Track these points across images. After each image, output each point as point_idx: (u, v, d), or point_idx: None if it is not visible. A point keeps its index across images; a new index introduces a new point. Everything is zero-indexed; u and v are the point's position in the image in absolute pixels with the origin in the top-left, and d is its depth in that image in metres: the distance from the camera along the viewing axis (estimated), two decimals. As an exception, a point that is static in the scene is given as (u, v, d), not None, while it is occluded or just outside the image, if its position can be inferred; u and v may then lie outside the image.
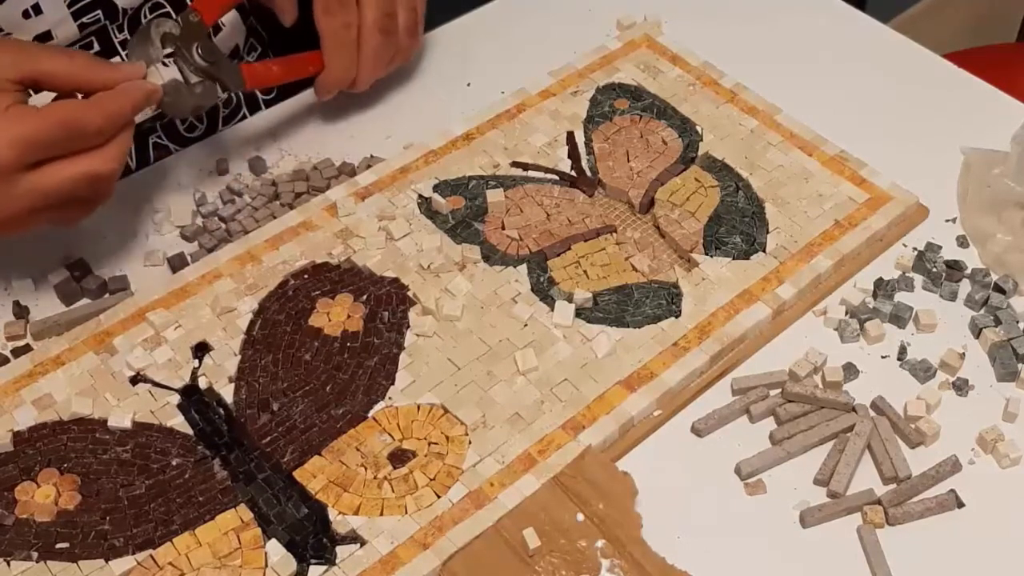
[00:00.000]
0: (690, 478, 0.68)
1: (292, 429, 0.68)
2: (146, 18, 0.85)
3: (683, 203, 0.81)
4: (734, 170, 0.83)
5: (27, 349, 0.74)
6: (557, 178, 0.83)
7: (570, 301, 0.75)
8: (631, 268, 0.77)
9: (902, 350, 0.74)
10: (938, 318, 0.75)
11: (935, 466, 0.68)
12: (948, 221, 0.82)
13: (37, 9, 0.78)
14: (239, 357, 0.72)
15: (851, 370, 0.73)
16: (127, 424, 0.68)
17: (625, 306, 0.75)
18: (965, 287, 0.78)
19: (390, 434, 0.68)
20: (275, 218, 0.80)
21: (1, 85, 0.66)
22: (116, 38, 0.84)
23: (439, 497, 0.65)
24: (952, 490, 0.67)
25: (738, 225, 0.80)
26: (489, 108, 0.88)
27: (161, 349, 0.72)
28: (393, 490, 0.66)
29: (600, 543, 0.64)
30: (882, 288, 0.77)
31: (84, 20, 0.81)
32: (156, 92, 0.73)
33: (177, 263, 0.79)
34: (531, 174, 0.83)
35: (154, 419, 0.69)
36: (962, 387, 0.72)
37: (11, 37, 0.78)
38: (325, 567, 0.63)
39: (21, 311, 0.76)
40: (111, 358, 0.72)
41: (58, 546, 0.63)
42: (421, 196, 0.81)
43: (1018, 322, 0.75)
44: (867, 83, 0.92)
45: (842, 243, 0.78)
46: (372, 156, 0.87)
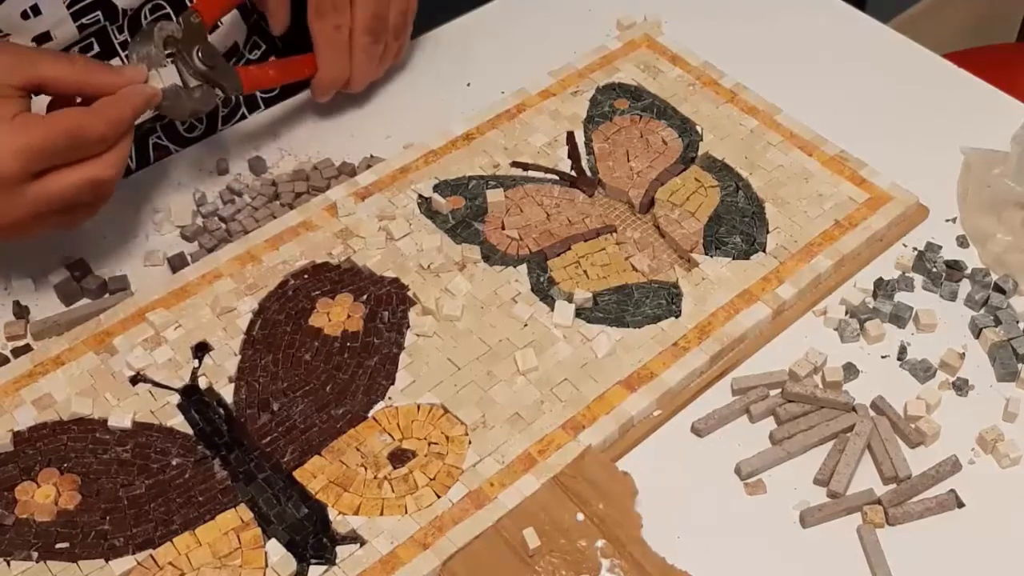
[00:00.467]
0: (690, 478, 0.68)
1: (292, 429, 0.68)
2: (146, 19, 0.85)
3: (683, 203, 0.81)
4: (734, 170, 0.83)
5: (27, 349, 0.74)
6: (557, 178, 0.83)
7: (570, 301, 0.75)
8: (631, 268, 0.77)
9: (902, 350, 0.74)
10: (938, 318, 0.75)
11: (935, 466, 0.68)
12: (948, 221, 0.82)
13: (36, 10, 0.78)
14: (239, 357, 0.72)
15: (851, 370, 0.73)
16: (127, 424, 0.68)
17: (625, 306, 0.75)
18: (965, 287, 0.78)
19: (390, 434, 0.68)
20: (275, 218, 0.80)
21: (4, 92, 0.67)
22: (116, 39, 0.84)
23: (439, 497, 0.65)
24: (952, 490, 0.67)
25: (738, 225, 0.80)
26: (489, 108, 0.88)
27: (161, 349, 0.72)
28: (393, 490, 0.66)
29: (600, 543, 0.64)
30: (882, 288, 0.77)
31: (84, 21, 0.80)
32: (156, 96, 0.73)
33: (177, 263, 0.79)
34: (531, 174, 0.83)
35: (154, 419, 0.69)
36: (962, 387, 0.72)
37: (11, 41, 0.78)
38: (325, 567, 0.63)
39: (21, 311, 0.76)
40: (111, 358, 0.72)
41: (58, 546, 0.63)
42: (421, 196, 0.81)
43: (1018, 322, 0.75)
44: (867, 83, 0.92)
45: (842, 243, 0.78)
46: (372, 156, 0.87)
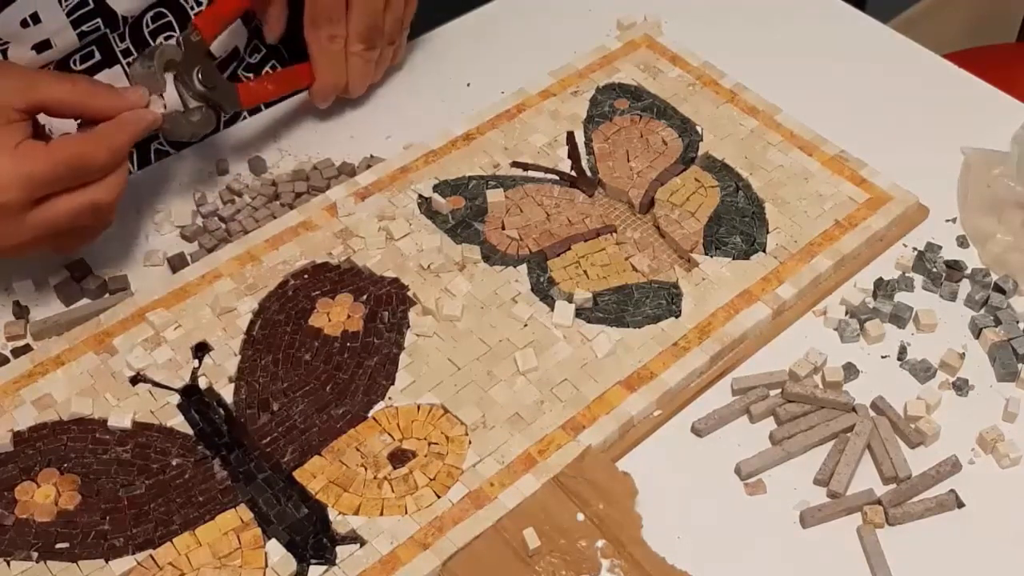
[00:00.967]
0: (690, 478, 0.68)
1: (292, 429, 0.68)
2: (148, 27, 0.85)
3: (683, 203, 0.81)
4: (734, 170, 0.83)
5: (27, 349, 0.74)
6: (557, 178, 0.83)
7: (570, 301, 0.75)
8: (631, 268, 0.77)
9: (902, 350, 0.74)
10: (938, 318, 0.75)
11: (935, 466, 0.68)
12: (948, 221, 0.82)
13: (36, 18, 0.78)
14: (239, 357, 0.72)
15: (851, 370, 0.73)
16: (127, 424, 0.68)
17: (625, 306, 0.75)
18: (965, 287, 0.78)
19: (390, 434, 0.68)
20: (275, 218, 0.80)
21: (8, 116, 0.67)
22: (117, 47, 0.84)
23: (439, 497, 0.65)
24: (952, 490, 0.67)
25: (738, 225, 0.80)
26: (489, 108, 0.88)
27: (161, 349, 0.72)
28: (393, 490, 0.66)
29: (600, 543, 0.64)
30: (882, 288, 0.77)
31: (84, 29, 0.80)
32: (156, 121, 0.74)
33: (177, 263, 0.79)
34: (531, 174, 0.83)
35: (154, 419, 0.69)
36: (962, 387, 0.72)
37: (13, 64, 0.78)
38: (325, 567, 0.63)
39: (21, 311, 0.76)
40: (111, 358, 0.72)
41: (58, 546, 0.63)
42: (421, 196, 0.81)
43: (1018, 322, 0.75)
44: (867, 83, 0.92)
45: (842, 243, 0.78)
46: (372, 156, 0.87)
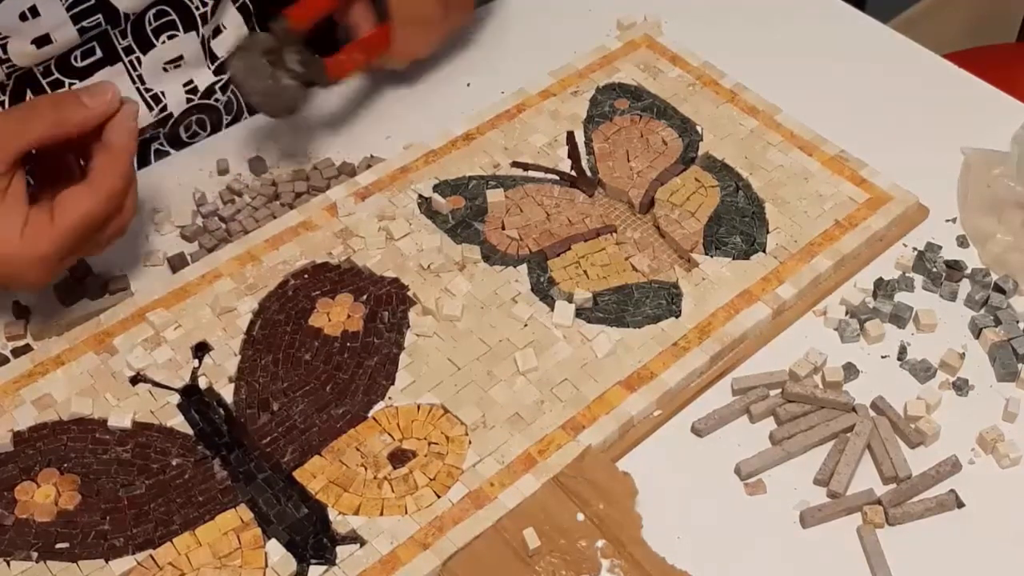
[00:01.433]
0: (690, 478, 0.68)
1: (292, 429, 0.68)
2: (150, 24, 0.85)
3: (683, 203, 0.81)
4: (734, 170, 0.83)
5: (27, 349, 0.74)
6: (557, 178, 0.83)
7: (570, 301, 0.75)
8: (631, 268, 0.77)
9: (902, 350, 0.74)
10: (938, 318, 0.75)
11: (935, 466, 0.68)
12: (948, 221, 0.82)
13: (35, 11, 0.78)
14: (239, 357, 0.72)
15: (851, 370, 0.73)
16: (127, 424, 0.68)
17: (625, 306, 0.75)
18: (965, 287, 0.78)
19: (390, 434, 0.68)
20: (275, 218, 0.80)
21: None
22: (119, 44, 0.84)
23: (439, 497, 0.65)
24: (952, 490, 0.67)
25: (738, 225, 0.80)
26: (489, 108, 0.88)
27: (161, 349, 0.72)
28: (393, 490, 0.66)
29: (600, 543, 0.64)
30: (882, 288, 0.77)
31: (84, 24, 0.80)
32: (134, 111, 0.72)
33: (177, 263, 0.79)
34: (531, 174, 0.83)
35: (154, 419, 0.69)
36: (962, 387, 0.72)
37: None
38: (325, 567, 0.63)
39: (21, 311, 0.76)
40: (111, 358, 0.72)
41: (58, 546, 0.63)
42: (421, 196, 0.81)
43: (1018, 322, 0.75)
44: (867, 83, 0.92)
45: (842, 243, 0.78)
46: (372, 156, 0.87)
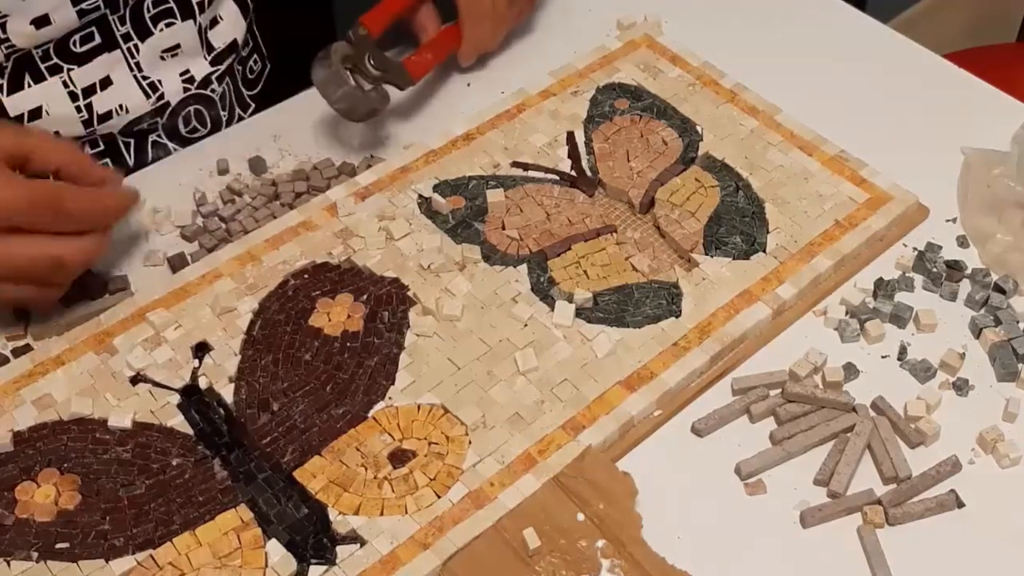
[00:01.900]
0: (690, 478, 0.68)
1: (292, 429, 0.68)
2: (148, 12, 0.85)
3: (683, 203, 0.81)
4: (734, 170, 0.83)
5: (27, 349, 0.74)
6: (557, 178, 0.83)
7: (570, 301, 0.75)
8: (631, 268, 0.77)
9: (902, 350, 0.74)
10: (938, 318, 0.75)
11: (935, 466, 0.68)
12: (948, 221, 0.82)
13: None
14: (239, 357, 0.72)
15: (851, 370, 0.73)
16: (127, 424, 0.68)
17: (625, 306, 0.75)
18: (965, 287, 0.78)
19: (390, 434, 0.68)
20: (275, 218, 0.80)
21: None
22: (118, 31, 0.83)
23: (439, 497, 0.65)
24: (952, 490, 0.67)
25: (738, 225, 0.80)
26: (489, 108, 0.88)
27: (161, 349, 0.72)
28: (393, 490, 0.66)
29: (600, 543, 0.64)
30: (882, 288, 0.77)
31: (83, 6, 0.80)
32: (135, 199, 0.75)
33: (177, 263, 0.79)
34: (531, 174, 0.83)
35: (154, 419, 0.69)
36: (962, 387, 0.72)
37: (11, 123, 0.79)
38: (325, 567, 0.63)
39: (21, 311, 0.76)
40: (111, 358, 0.72)
41: (58, 546, 0.63)
42: (421, 196, 0.81)
43: (1018, 322, 0.75)
44: (867, 83, 0.92)
45: (842, 243, 0.78)
46: (372, 156, 0.87)
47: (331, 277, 0.76)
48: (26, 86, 0.81)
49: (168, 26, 0.86)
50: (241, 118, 0.95)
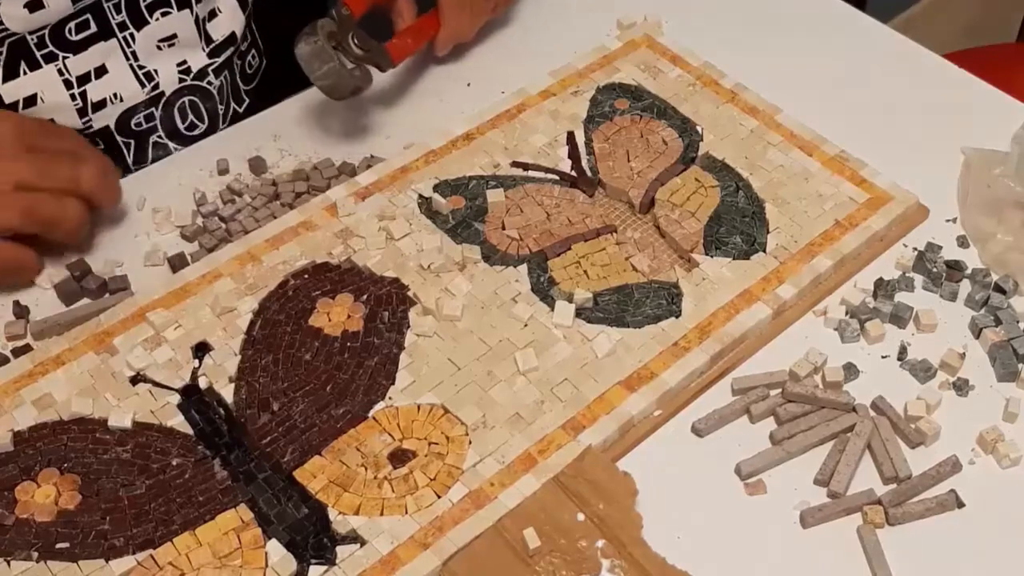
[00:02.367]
0: (690, 478, 0.68)
1: (292, 429, 0.68)
2: (144, 0, 0.85)
3: (683, 203, 0.81)
4: (734, 170, 0.83)
5: (27, 349, 0.74)
6: (557, 178, 0.83)
7: (570, 301, 0.74)
8: (631, 268, 0.77)
9: (902, 350, 0.74)
10: (938, 318, 0.75)
11: (935, 466, 0.68)
12: (948, 221, 0.82)
13: None
14: (239, 357, 0.72)
15: (851, 370, 0.73)
16: (127, 424, 0.68)
17: (625, 306, 0.75)
18: (965, 287, 0.78)
19: (390, 434, 0.68)
20: (275, 218, 0.80)
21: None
22: (113, 19, 0.83)
23: (439, 497, 0.65)
24: (952, 490, 0.67)
25: (738, 225, 0.80)
26: (489, 108, 0.88)
27: (161, 349, 0.72)
28: (393, 490, 0.66)
29: (600, 543, 0.64)
30: (882, 288, 0.77)
31: None
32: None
33: (177, 263, 0.79)
34: (531, 174, 0.83)
35: (154, 419, 0.69)
36: (962, 387, 0.72)
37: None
38: (325, 567, 0.63)
39: (21, 311, 0.76)
40: (111, 358, 0.72)
41: (58, 546, 0.63)
42: (421, 196, 0.81)
43: (1018, 322, 0.75)
44: (867, 83, 0.92)
45: (842, 243, 0.78)
46: (372, 156, 0.87)
47: (331, 277, 0.76)
48: (21, 73, 0.81)
49: (164, 15, 0.85)
50: (237, 112, 0.94)
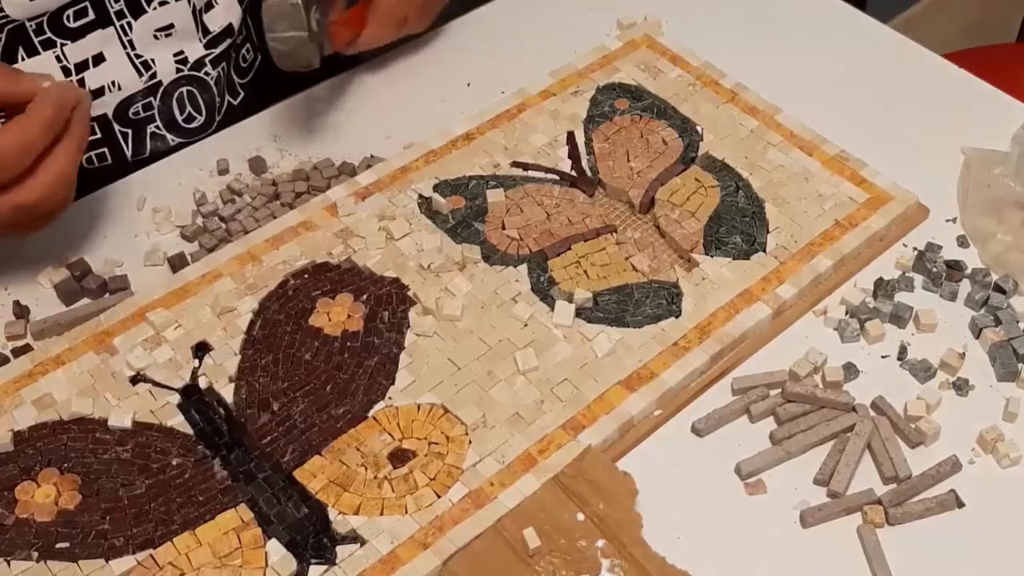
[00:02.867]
0: (690, 478, 0.68)
1: (292, 429, 0.68)
2: None
3: (683, 203, 0.81)
4: (734, 170, 0.83)
5: (27, 349, 0.74)
6: (557, 178, 0.83)
7: (570, 301, 0.75)
8: (631, 268, 0.77)
9: (902, 350, 0.74)
10: (938, 318, 0.75)
11: (935, 466, 0.68)
12: (948, 221, 0.82)
13: None
14: (239, 357, 0.72)
15: (851, 370, 0.73)
16: (127, 424, 0.68)
17: (625, 306, 0.75)
18: (965, 287, 0.78)
19: (390, 434, 0.68)
20: (275, 218, 0.80)
21: None
22: (111, 7, 0.83)
23: (439, 497, 0.65)
24: (952, 490, 0.67)
25: (738, 225, 0.80)
26: (489, 108, 0.88)
27: (161, 349, 0.72)
28: (393, 490, 0.66)
29: (600, 543, 0.64)
30: (882, 288, 0.77)
31: None
32: (69, 91, 0.72)
33: (177, 263, 0.79)
34: (531, 174, 0.83)
35: (154, 419, 0.69)
36: (962, 387, 0.72)
37: None
38: (325, 567, 0.63)
39: (21, 311, 0.76)
40: (111, 358, 0.72)
41: (58, 546, 0.63)
42: (421, 196, 0.81)
43: (1018, 322, 0.75)
44: (867, 83, 0.92)
45: (842, 243, 0.78)
46: (372, 156, 0.87)
47: (331, 277, 0.76)
48: (20, 60, 0.81)
49: (162, 4, 0.85)
50: (232, 105, 0.94)
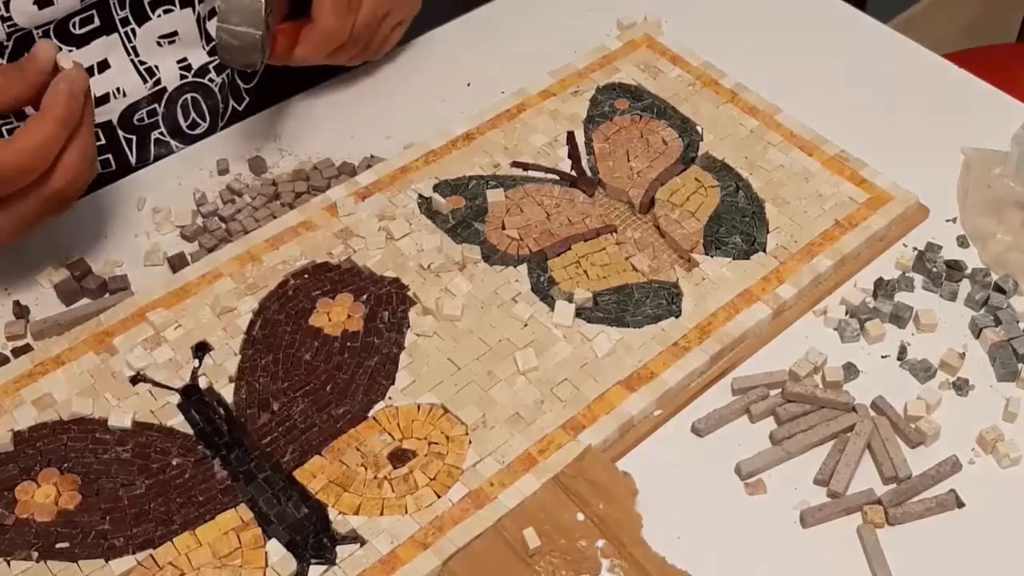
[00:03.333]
0: (690, 478, 0.68)
1: (292, 429, 0.68)
2: None
3: (683, 203, 0.81)
4: (734, 170, 0.83)
5: (27, 349, 0.74)
6: (557, 178, 0.83)
7: (570, 301, 0.75)
8: (631, 268, 0.77)
9: (902, 350, 0.74)
10: (938, 318, 0.75)
11: (935, 466, 0.68)
12: (948, 221, 0.82)
13: None
14: (239, 357, 0.72)
15: (851, 370, 0.73)
16: (127, 424, 0.68)
17: (625, 306, 0.75)
18: (965, 287, 0.78)
19: (390, 434, 0.68)
20: (275, 218, 0.80)
21: None
22: (117, 15, 0.83)
23: (439, 497, 0.65)
24: (952, 490, 0.67)
25: (738, 225, 0.80)
26: (489, 108, 0.88)
27: (161, 349, 0.72)
28: (393, 490, 0.66)
29: (600, 543, 0.64)
30: (882, 288, 0.77)
31: None
32: (78, 83, 0.72)
33: (177, 263, 0.79)
34: (531, 174, 0.83)
35: (154, 419, 0.69)
36: (962, 387, 0.72)
37: None
38: (325, 567, 0.63)
39: (21, 311, 0.76)
40: (111, 358, 0.72)
41: (58, 546, 0.63)
42: (421, 196, 0.81)
43: (1018, 322, 0.75)
44: (867, 83, 0.92)
45: (842, 243, 0.78)
46: (372, 156, 0.87)
47: (331, 277, 0.76)
48: None
49: (166, 12, 0.86)
50: (236, 110, 0.94)
